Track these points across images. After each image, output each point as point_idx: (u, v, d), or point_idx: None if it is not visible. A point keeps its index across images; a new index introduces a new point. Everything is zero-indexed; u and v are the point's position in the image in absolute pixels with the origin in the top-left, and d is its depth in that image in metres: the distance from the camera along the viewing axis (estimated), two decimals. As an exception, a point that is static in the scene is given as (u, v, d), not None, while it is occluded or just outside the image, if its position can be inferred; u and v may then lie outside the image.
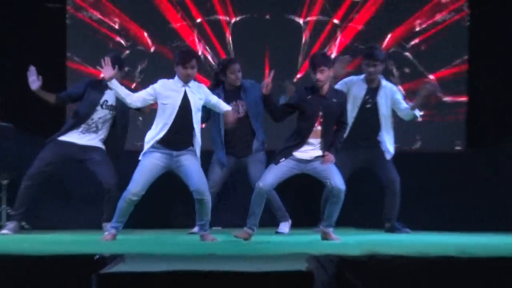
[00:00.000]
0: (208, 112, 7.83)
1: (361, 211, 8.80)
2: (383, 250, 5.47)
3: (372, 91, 8.08)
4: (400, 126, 9.01)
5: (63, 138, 7.89)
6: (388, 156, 8.08)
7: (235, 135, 7.87)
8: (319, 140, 6.92)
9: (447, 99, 9.90)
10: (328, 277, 4.99)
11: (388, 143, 8.11)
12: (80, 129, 7.93)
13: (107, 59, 6.95)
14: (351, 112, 7.94)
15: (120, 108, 7.93)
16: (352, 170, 8.05)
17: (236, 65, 8.03)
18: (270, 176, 6.89)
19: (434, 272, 5.20)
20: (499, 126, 9.56)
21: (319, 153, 6.94)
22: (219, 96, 7.61)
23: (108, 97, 7.86)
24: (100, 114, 7.92)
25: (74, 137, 7.90)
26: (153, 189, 7.37)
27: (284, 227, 8.19)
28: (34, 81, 7.66)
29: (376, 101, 8.12)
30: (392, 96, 8.12)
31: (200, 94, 6.86)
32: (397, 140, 8.69)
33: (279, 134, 7.73)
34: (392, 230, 8.03)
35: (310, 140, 6.90)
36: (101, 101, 7.90)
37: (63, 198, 8.87)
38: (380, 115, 8.12)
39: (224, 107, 7.12)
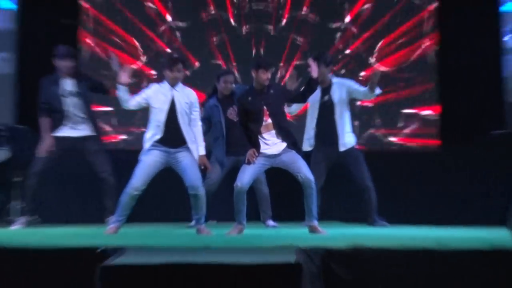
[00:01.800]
0: (209, 124, 7.96)
1: (344, 206, 8.75)
2: (366, 243, 5.39)
3: (325, 90, 8.02)
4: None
5: (57, 134, 7.84)
6: (341, 148, 7.89)
7: (234, 136, 7.84)
8: (273, 132, 6.79)
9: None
10: (315, 268, 4.93)
11: (342, 137, 7.96)
12: (66, 122, 7.84)
13: (128, 68, 6.97)
14: (313, 115, 7.97)
15: (85, 92, 7.91)
16: (328, 167, 7.93)
17: (230, 76, 8.05)
18: (246, 175, 6.76)
19: (414, 264, 5.15)
20: (468, 129, 9.63)
21: (283, 146, 6.80)
22: (216, 108, 7.86)
23: (66, 86, 7.86)
24: (69, 102, 7.84)
25: (66, 131, 7.86)
26: (153, 184, 7.36)
27: (272, 222, 8.17)
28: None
29: (331, 98, 8.03)
30: (346, 88, 8.03)
31: (187, 99, 6.87)
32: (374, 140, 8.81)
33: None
34: (371, 223, 7.94)
35: (265, 135, 6.81)
36: (61, 91, 7.84)
37: (72, 193, 8.85)
38: (335, 112, 7.99)
39: (200, 140, 6.98)
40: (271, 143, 6.78)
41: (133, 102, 6.92)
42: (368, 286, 5.08)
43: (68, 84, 7.77)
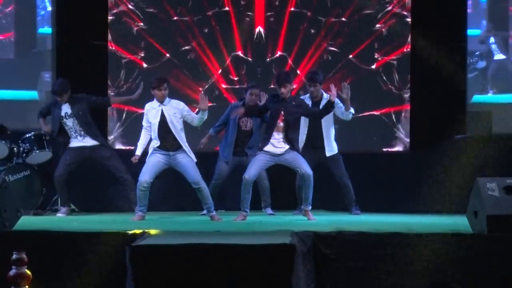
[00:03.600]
0: (224, 125, 8.17)
1: (328, 198, 8.82)
2: (348, 228, 5.76)
3: (315, 104, 8.09)
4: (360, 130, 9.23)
5: (71, 145, 8.07)
6: (328, 153, 8.11)
7: (244, 141, 8.11)
8: (281, 134, 7.25)
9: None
10: (306, 248, 5.32)
11: (328, 144, 8.12)
12: (74, 136, 8.07)
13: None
14: (305, 124, 8.06)
15: (78, 113, 8.12)
16: (313, 165, 8.01)
17: (256, 90, 8.08)
18: (253, 169, 7.24)
19: (386, 244, 5.43)
20: (435, 132, 9.43)
21: (286, 147, 7.23)
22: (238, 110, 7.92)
23: (64, 109, 8.11)
24: (69, 122, 8.08)
25: (77, 142, 8.09)
26: (172, 181, 7.98)
27: (270, 210, 8.31)
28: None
29: None
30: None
31: (175, 109, 7.35)
32: (355, 143, 8.96)
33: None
34: (350, 212, 8.23)
35: (275, 133, 7.25)
36: (63, 114, 8.10)
37: (106, 186, 8.75)
38: (322, 123, 8.11)
39: (196, 115, 7.34)
40: (277, 143, 7.26)
41: (146, 132, 7.39)
42: (349, 263, 5.40)
43: (65, 108, 8.10)
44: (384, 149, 9.62)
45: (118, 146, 9.27)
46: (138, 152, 7.47)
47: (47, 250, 5.30)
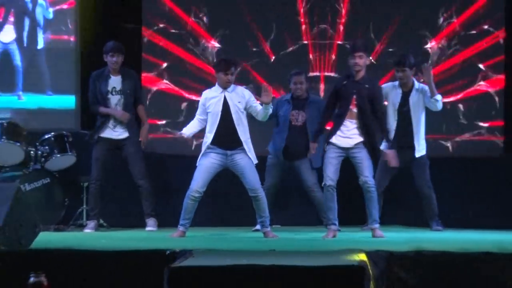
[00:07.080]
0: (275, 121, 8.28)
1: (408, 210, 8.84)
2: (428, 247, 5.66)
3: (406, 94, 8.19)
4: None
5: (101, 135, 8.23)
6: (417, 154, 8.12)
7: (297, 141, 8.18)
8: (354, 121, 7.23)
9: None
10: (378, 271, 5.22)
11: (418, 143, 8.16)
12: (109, 122, 8.20)
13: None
14: (392, 117, 8.17)
15: (126, 91, 8.26)
16: (396, 170, 8.02)
17: (299, 77, 8.25)
18: (329, 171, 7.22)
19: (475, 267, 5.35)
20: None
21: (359, 139, 7.21)
22: (287, 104, 8.24)
23: (113, 82, 8.24)
24: (113, 100, 8.21)
25: (108, 132, 8.24)
26: (221, 189, 8.03)
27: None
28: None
29: (409, 104, 8.19)
30: (424, 94, 8.12)
31: (240, 98, 7.33)
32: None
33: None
34: (430, 228, 8.22)
35: (347, 121, 7.23)
36: (110, 88, 8.21)
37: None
38: (412, 117, 8.19)
39: (261, 108, 7.28)
40: (347, 132, 7.23)
41: (199, 122, 7.43)
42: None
43: (115, 81, 8.20)
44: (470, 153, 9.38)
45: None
46: (186, 131, 7.49)
47: (70, 272, 5.32)
